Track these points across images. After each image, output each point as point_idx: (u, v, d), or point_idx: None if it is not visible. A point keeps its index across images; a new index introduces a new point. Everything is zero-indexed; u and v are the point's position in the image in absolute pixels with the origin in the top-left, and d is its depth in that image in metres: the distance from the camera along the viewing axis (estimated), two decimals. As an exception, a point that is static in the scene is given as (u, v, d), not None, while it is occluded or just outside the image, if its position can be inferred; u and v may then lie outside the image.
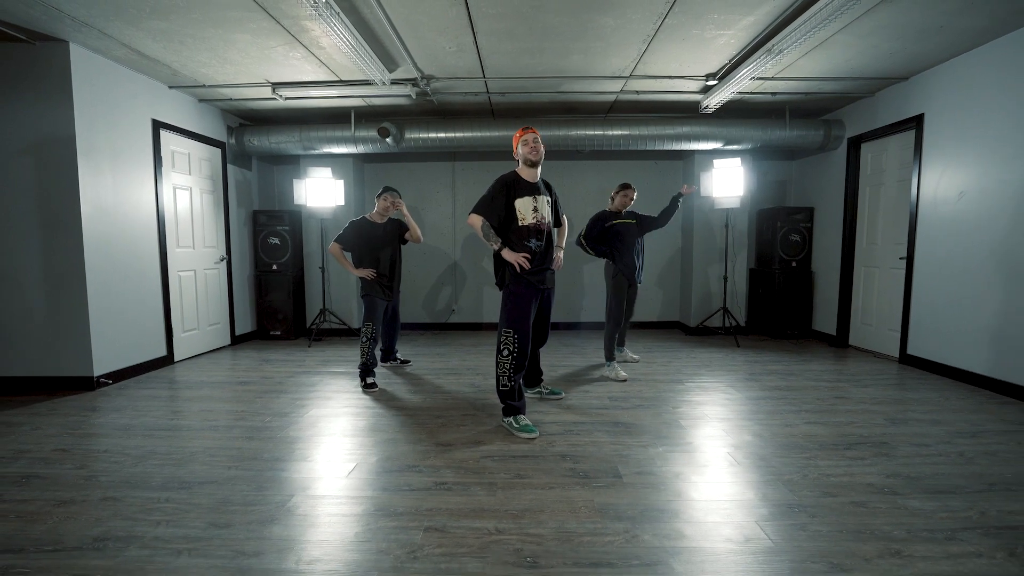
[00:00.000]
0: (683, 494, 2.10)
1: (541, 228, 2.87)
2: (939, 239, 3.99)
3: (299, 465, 2.37)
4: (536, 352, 3.30)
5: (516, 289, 2.84)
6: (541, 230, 2.87)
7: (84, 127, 3.53)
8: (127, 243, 3.92)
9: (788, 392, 3.56)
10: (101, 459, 2.43)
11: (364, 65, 3.68)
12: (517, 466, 2.36)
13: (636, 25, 3.31)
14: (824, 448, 2.57)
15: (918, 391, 3.57)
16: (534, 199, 2.85)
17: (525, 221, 2.83)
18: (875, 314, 4.82)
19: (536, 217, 2.85)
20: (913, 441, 2.66)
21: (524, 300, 2.84)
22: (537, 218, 2.85)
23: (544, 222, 2.89)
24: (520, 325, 2.82)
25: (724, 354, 4.79)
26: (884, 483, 2.19)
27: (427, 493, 2.10)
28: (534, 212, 2.84)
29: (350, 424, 2.94)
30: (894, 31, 3.38)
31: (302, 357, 4.72)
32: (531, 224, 2.84)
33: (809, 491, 2.12)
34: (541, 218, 2.87)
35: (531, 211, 2.83)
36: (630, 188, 4.12)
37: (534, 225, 2.84)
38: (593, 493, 2.10)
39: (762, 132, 5.14)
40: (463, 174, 6.09)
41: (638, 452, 2.53)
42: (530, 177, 2.88)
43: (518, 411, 2.84)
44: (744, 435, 2.76)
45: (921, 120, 4.14)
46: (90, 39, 3.37)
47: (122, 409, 3.18)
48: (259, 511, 1.94)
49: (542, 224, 2.88)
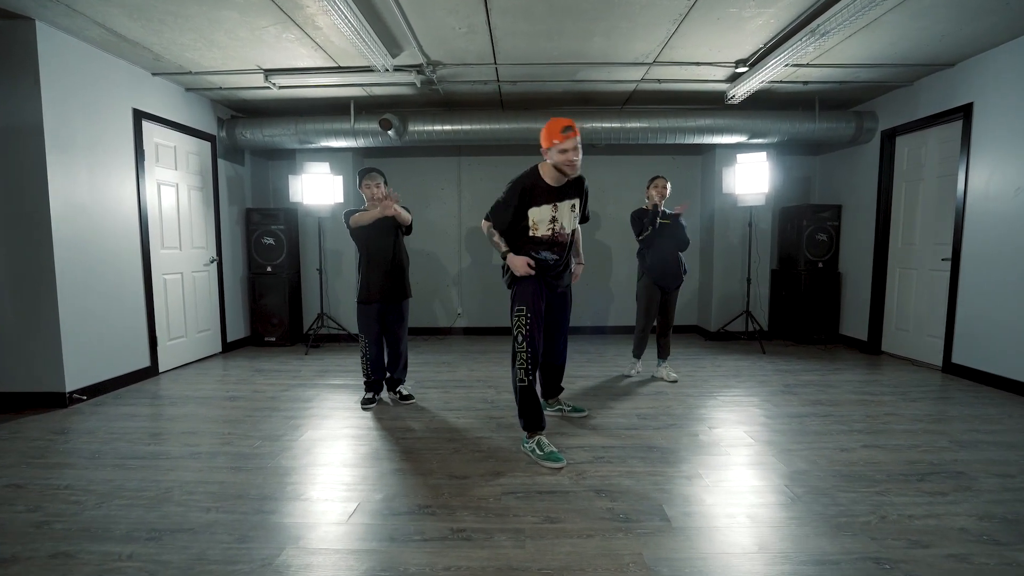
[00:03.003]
0: (743, 544, 1.77)
1: (557, 240, 2.53)
2: (990, 238, 3.66)
3: (291, 506, 2.03)
4: (556, 367, 2.96)
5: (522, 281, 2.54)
6: (557, 242, 2.53)
7: (54, 116, 3.18)
8: (105, 244, 3.57)
9: (831, 408, 3.23)
10: (59, 498, 2.08)
11: (365, 48, 3.33)
12: (545, 506, 2.03)
13: (668, 1, 2.96)
14: (893, 480, 2.24)
15: (973, 406, 3.25)
16: (554, 207, 2.48)
17: (538, 232, 2.49)
18: (912, 319, 4.50)
19: (552, 228, 2.50)
20: (993, 471, 2.33)
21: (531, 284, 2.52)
22: (554, 229, 2.51)
23: (563, 233, 2.54)
24: (533, 305, 2.50)
25: (751, 362, 4.46)
26: (979, 528, 1.86)
27: (443, 544, 1.76)
28: (551, 223, 2.50)
29: (351, 450, 2.60)
30: (951, 9, 3.05)
31: (298, 367, 4.37)
32: (544, 236, 2.50)
33: (893, 539, 1.79)
34: (560, 229, 2.52)
35: (547, 222, 2.49)
36: (659, 178, 3.70)
37: (548, 237, 2.51)
38: (640, 543, 1.77)
39: (789, 125, 4.80)
40: (469, 170, 5.74)
41: (682, 485, 2.20)
42: (554, 180, 2.48)
43: (539, 426, 2.50)
44: (797, 462, 2.43)
45: (970, 110, 3.80)
46: (58, 16, 3.01)
47: (94, 432, 2.84)
48: (241, 572, 1.61)
49: (559, 236, 2.53)
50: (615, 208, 5.71)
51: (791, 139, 4.90)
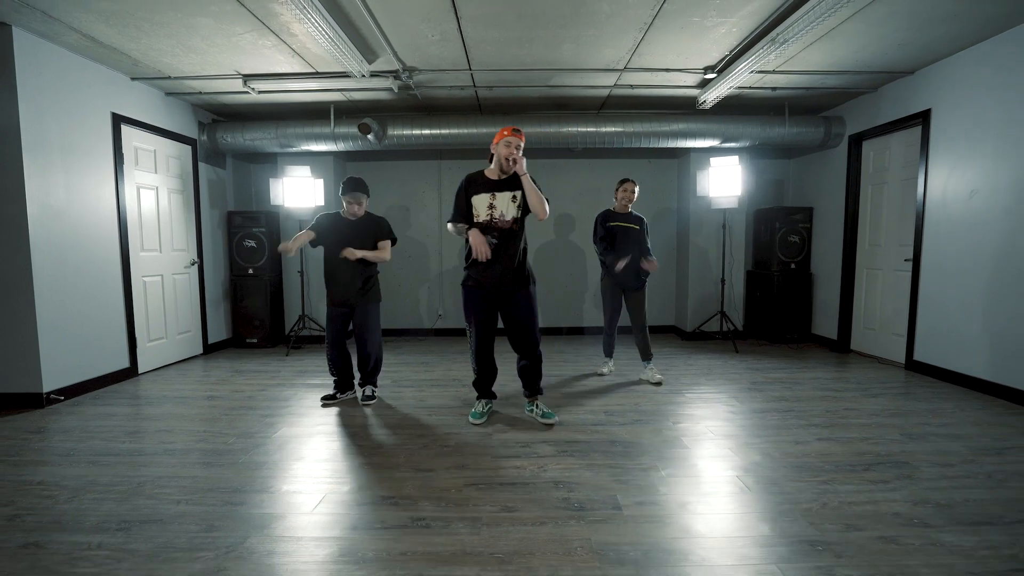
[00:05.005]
0: (691, 529, 1.86)
1: (495, 225, 2.81)
2: (948, 240, 3.80)
3: (259, 498, 2.10)
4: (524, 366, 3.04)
5: (463, 285, 2.96)
6: (495, 227, 2.81)
7: (30, 119, 3.22)
8: (83, 246, 3.61)
9: (795, 403, 3.34)
10: (32, 493, 2.13)
11: (340, 55, 3.41)
12: (505, 496, 2.11)
13: (632, 11, 3.07)
14: (841, 470, 2.35)
15: (930, 401, 3.37)
16: (492, 196, 2.82)
17: (479, 218, 2.83)
18: (879, 318, 4.63)
19: (490, 214, 2.82)
20: (935, 460, 2.44)
21: (469, 296, 2.93)
22: (492, 215, 2.82)
23: (501, 220, 2.80)
24: (475, 319, 2.93)
25: (723, 361, 4.58)
26: (913, 512, 1.97)
27: (402, 532, 1.84)
28: (488, 209, 2.82)
29: (322, 446, 2.67)
30: (907, 19, 3.18)
31: (278, 367, 4.43)
32: (483, 221, 2.82)
33: (831, 523, 1.89)
34: (499, 216, 2.81)
35: (485, 208, 2.82)
36: (627, 181, 3.82)
37: (487, 222, 2.82)
38: (590, 529, 1.86)
39: (760, 129, 4.93)
40: (450, 173, 5.82)
41: (638, 477, 2.29)
42: (494, 174, 2.86)
43: (482, 395, 3.09)
44: (752, 455, 2.53)
45: (928, 115, 3.95)
46: (34, 22, 3.06)
47: (69, 431, 2.88)
48: (204, 559, 1.67)
49: (497, 222, 2.81)
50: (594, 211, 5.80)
51: (762, 143, 5.03)
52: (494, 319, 2.97)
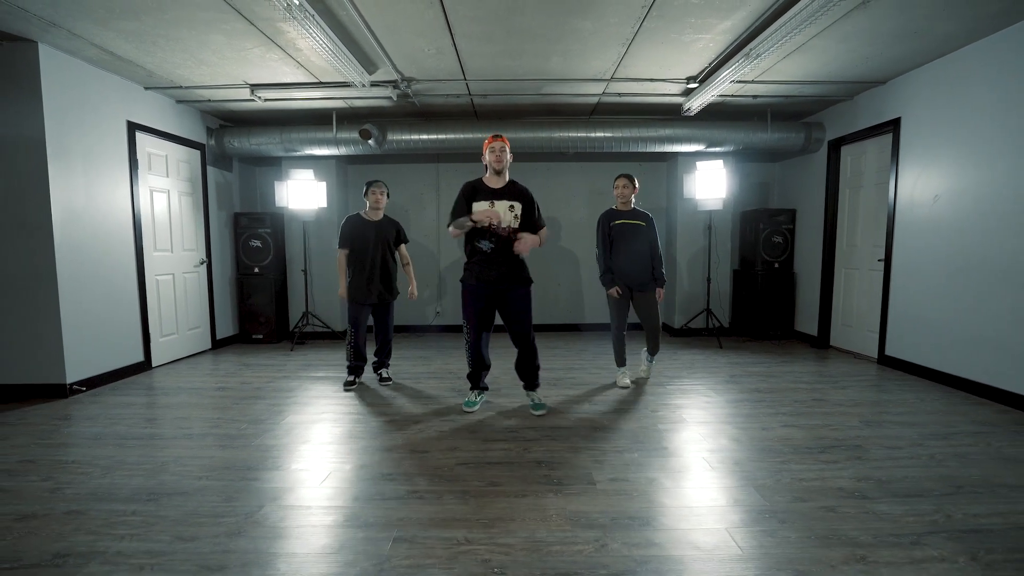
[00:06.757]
0: (656, 501, 2.10)
1: (492, 231, 2.99)
2: (915, 242, 4.04)
3: (271, 474, 2.34)
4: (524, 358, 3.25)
5: (462, 282, 3.12)
6: (495, 233, 2.98)
7: (55, 129, 3.46)
8: (101, 246, 3.85)
9: (767, 394, 3.58)
10: (68, 470, 2.38)
11: (343, 67, 3.64)
12: (492, 473, 2.35)
13: (614, 28, 3.30)
14: (798, 452, 2.59)
15: (895, 393, 3.61)
16: (491, 204, 3.00)
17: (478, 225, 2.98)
18: (855, 315, 4.87)
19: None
20: (886, 444, 2.68)
21: (468, 293, 3.09)
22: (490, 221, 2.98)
23: (499, 227, 2.98)
24: (471, 315, 3.11)
25: (706, 356, 4.81)
26: (855, 487, 2.21)
27: (399, 502, 2.08)
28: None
29: (327, 431, 2.91)
30: (870, 36, 3.41)
31: (283, 361, 4.67)
32: (482, 227, 2.97)
33: (781, 496, 2.13)
34: (496, 222, 2.98)
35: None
36: (621, 177, 3.67)
37: (485, 227, 2.97)
38: (566, 501, 2.10)
39: (744, 134, 5.16)
40: (448, 176, 6.06)
41: (614, 458, 2.53)
42: (493, 183, 3.07)
43: (473, 387, 3.31)
44: (721, 439, 2.77)
45: (898, 124, 4.18)
46: (59, 39, 3.30)
47: (95, 417, 3.13)
48: (227, 523, 1.92)
49: (495, 228, 2.98)
50: (586, 212, 6.07)
51: (746, 148, 5.26)
52: (491, 316, 3.18)
